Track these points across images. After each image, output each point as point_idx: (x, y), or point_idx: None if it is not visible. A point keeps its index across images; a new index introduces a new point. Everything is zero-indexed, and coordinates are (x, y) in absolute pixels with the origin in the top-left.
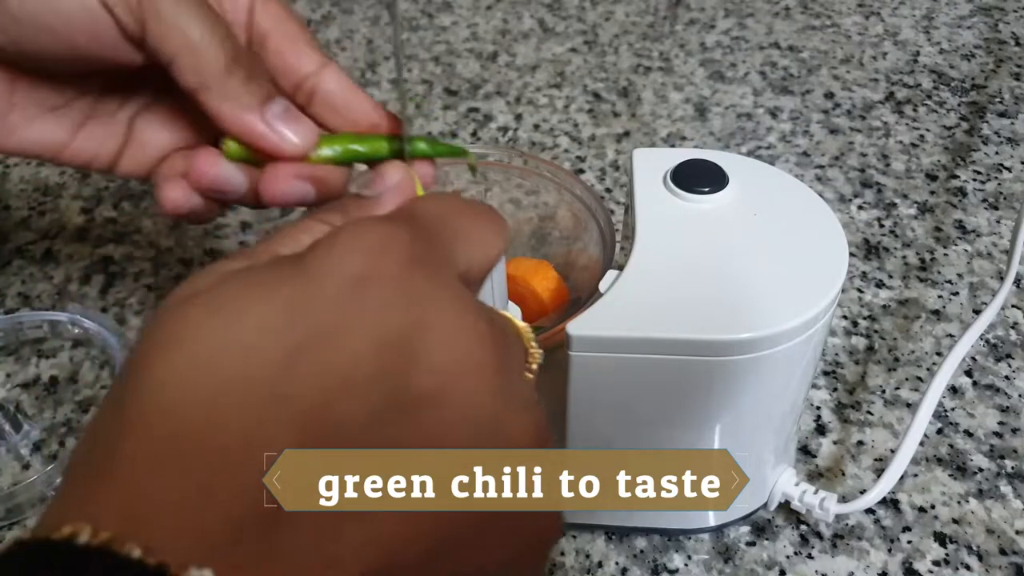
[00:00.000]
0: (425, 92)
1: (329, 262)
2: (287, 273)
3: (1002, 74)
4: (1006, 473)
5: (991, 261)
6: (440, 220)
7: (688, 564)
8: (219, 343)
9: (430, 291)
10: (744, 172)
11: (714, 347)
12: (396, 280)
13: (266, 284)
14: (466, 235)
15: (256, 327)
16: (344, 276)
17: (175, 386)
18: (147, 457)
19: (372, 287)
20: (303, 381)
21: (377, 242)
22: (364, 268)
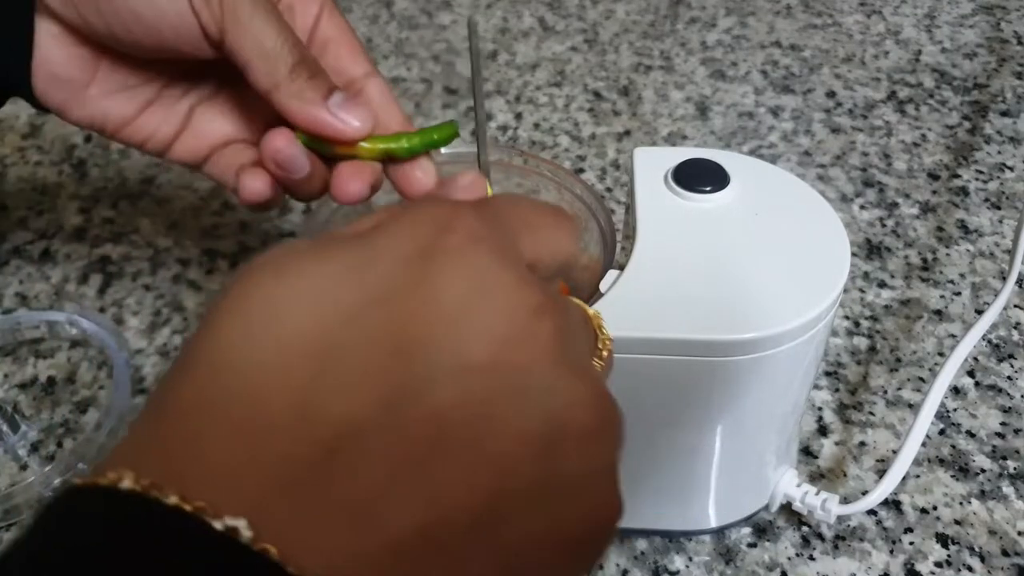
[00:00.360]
0: (424, 91)
1: (394, 235)
2: (353, 244)
3: (1004, 73)
4: (1008, 474)
5: (993, 261)
6: (509, 211)
7: (689, 566)
8: (278, 304)
9: (491, 265)
10: (745, 171)
11: (715, 347)
12: (459, 252)
13: (332, 252)
14: (535, 228)
15: (315, 291)
16: (407, 246)
17: (235, 341)
18: (198, 409)
19: (435, 256)
20: (360, 344)
21: (443, 217)
22: (428, 240)
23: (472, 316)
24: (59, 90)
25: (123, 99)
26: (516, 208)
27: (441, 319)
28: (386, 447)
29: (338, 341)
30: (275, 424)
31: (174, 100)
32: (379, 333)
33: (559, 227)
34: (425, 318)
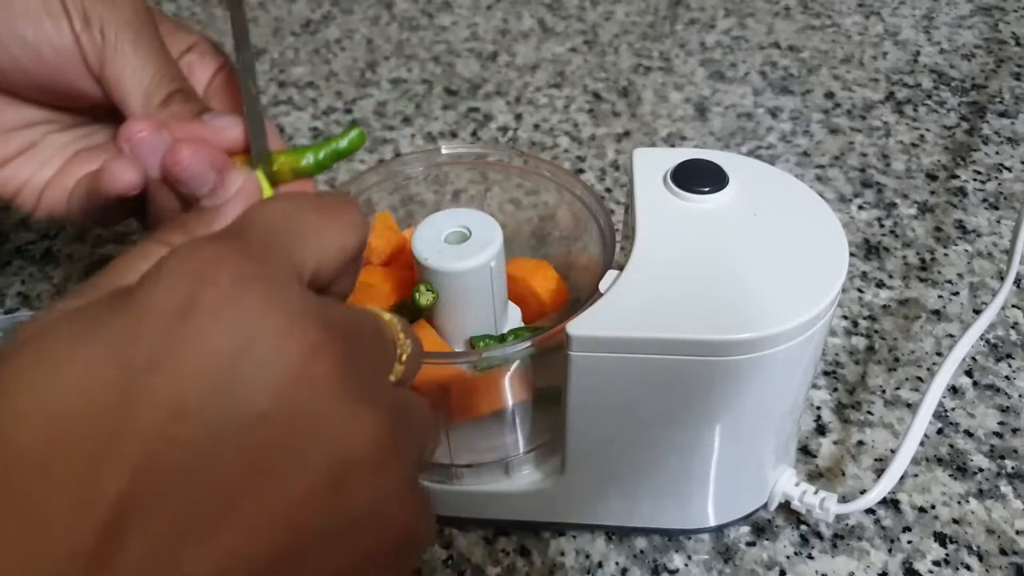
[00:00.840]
0: (425, 92)
1: (154, 294)
2: (114, 309)
3: (1002, 74)
4: (1006, 473)
5: (991, 261)
6: (279, 224)
7: (688, 564)
8: (43, 389)
9: (257, 308)
10: (744, 172)
11: (714, 347)
12: (221, 304)
13: (91, 324)
14: (312, 233)
15: (79, 369)
16: (168, 307)
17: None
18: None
19: (197, 315)
20: (133, 415)
21: (201, 267)
22: (189, 296)
23: (243, 369)
24: None
25: (2, 140)
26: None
27: (212, 377)
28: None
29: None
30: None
31: (57, 146)
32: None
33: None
34: (196, 379)
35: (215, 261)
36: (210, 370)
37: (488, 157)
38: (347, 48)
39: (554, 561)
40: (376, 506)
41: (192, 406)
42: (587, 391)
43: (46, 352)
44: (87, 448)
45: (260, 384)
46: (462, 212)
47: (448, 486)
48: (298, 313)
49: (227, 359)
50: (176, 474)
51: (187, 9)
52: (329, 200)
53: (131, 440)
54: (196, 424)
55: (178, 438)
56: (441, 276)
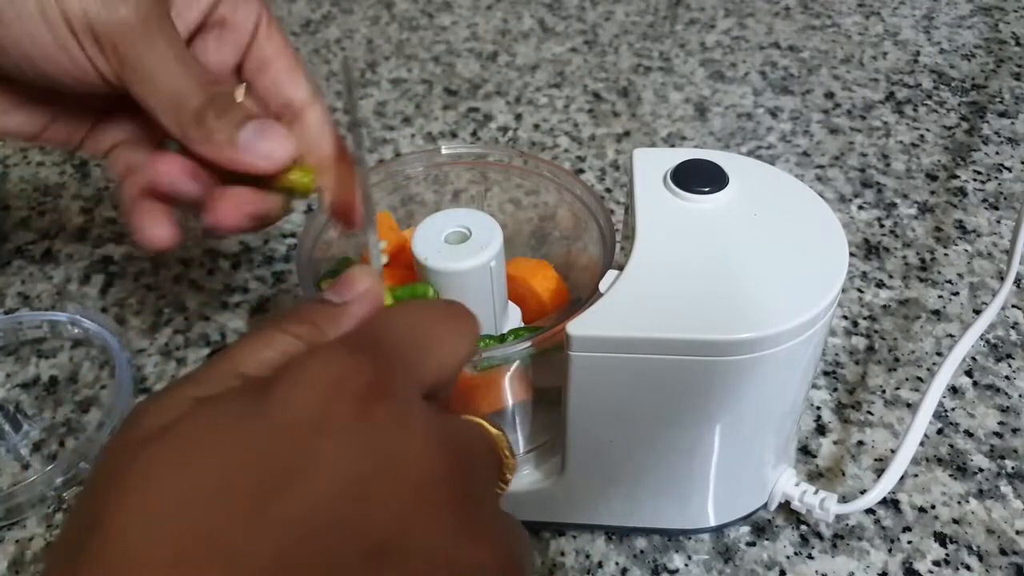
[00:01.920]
0: (425, 92)
1: (290, 402)
2: (249, 409)
3: (1002, 74)
4: (1006, 473)
5: (991, 261)
6: (407, 336)
7: (688, 564)
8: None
9: (388, 428)
10: (744, 172)
11: (714, 347)
12: (354, 421)
13: (228, 425)
14: (435, 344)
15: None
16: (303, 418)
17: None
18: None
19: (331, 431)
20: (259, 532)
21: (338, 378)
22: (324, 409)
23: (371, 495)
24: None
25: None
26: (414, 327)
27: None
28: None
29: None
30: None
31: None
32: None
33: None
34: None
35: (351, 373)
36: (338, 493)
37: (488, 157)
38: (347, 48)
39: (554, 561)
40: None
41: (321, 525)
42: (587, 391)
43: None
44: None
45: (384, 513)
46: (462, 212)
47: None
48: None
49: (357, 480)
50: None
51: None
52: (449, 309)
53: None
54: (324, 543)
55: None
56: (441, 276)
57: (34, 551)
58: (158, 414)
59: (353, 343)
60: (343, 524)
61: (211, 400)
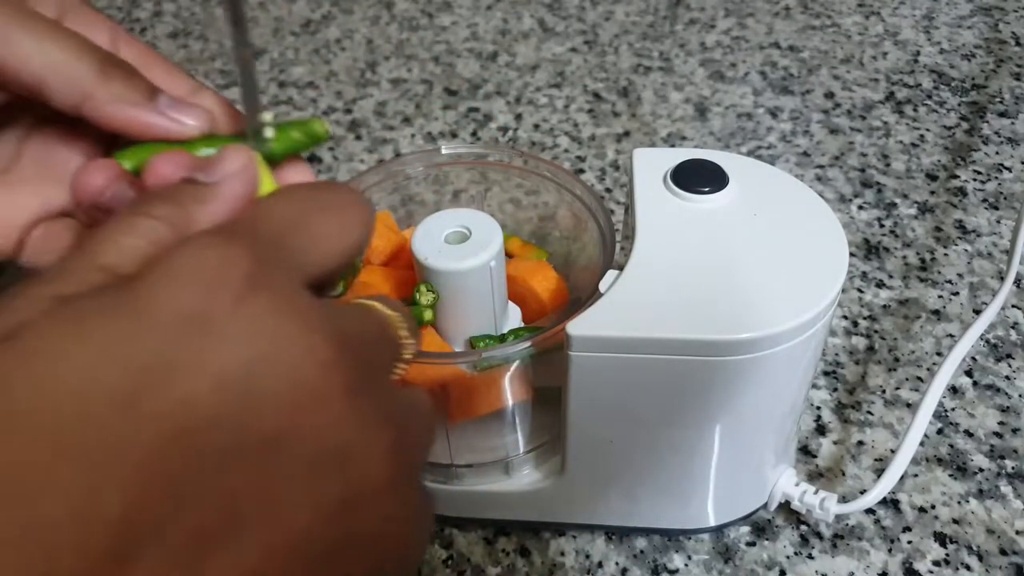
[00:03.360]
0: (425, 92)
1: (161, 296)
2: (113, 306)
3: (1002, 74)
4: (1006, 473)
5: (991, 261)
6: (286, 222)
7: (688, 564)
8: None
9: (269, 319)
10: (744, 172)
11: (714, 347)
12: (233, 313)
13: (90, 321)
14: (320, 234)
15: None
16: (178, 310)
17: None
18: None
19: (207, 324)
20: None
21: (214, 268)
22: (200, 302)
23: (255, 386)
24: None
25: None
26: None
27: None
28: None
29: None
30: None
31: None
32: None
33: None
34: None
35: (227, 263)
36: (221, 387)
37: (488, 157)
38: (347, 48)
39: (554, 561)
40: (384, 526)
41: (201, 424)
42: (587, 391)
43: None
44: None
45: (273, 405)
46: (462, 212)
47: (448, 486)
48: (309, 326)
49: (238, 376)
50: (183, 494)
51: (187, 9)
52: (336, 196)
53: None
54: (205, 444)
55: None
56: (441, 276)
57: None
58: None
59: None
60: (225, 419)
61: (72, 298)
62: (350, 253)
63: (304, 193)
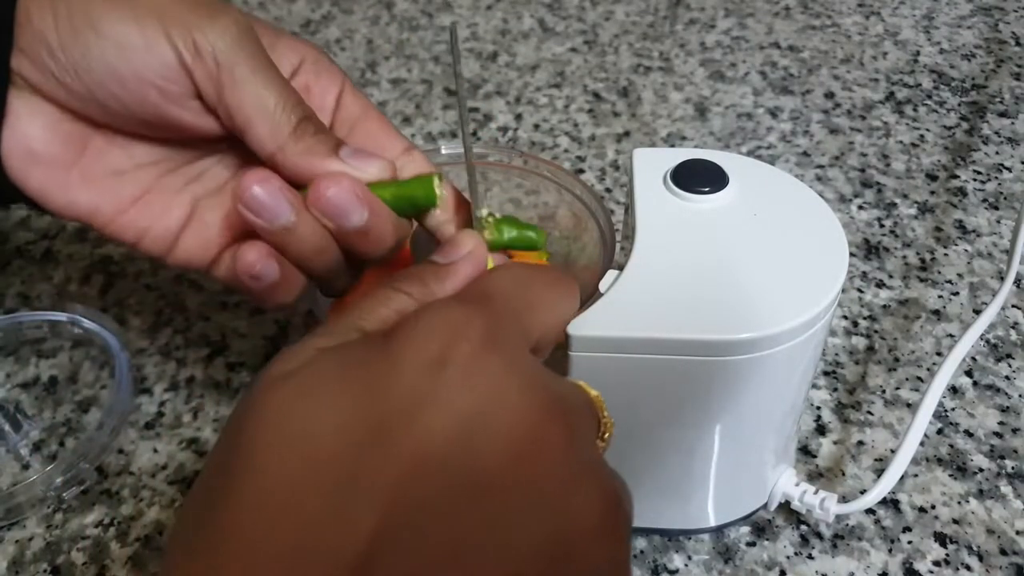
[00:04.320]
0: (425, 92)
1: (409, 345)
2: (372, 356)
3: (1002, 74)
4: (1006, 473)
5: (991, 261)
6: (514, 294)
7: (688, 564)
8: (312, 424)
9: (502, 372)
10: (744, 172)
11: (714, 347)
12: (470, 362)
13: (352, 366)
14: (539, 305)
15: (343, 410)
16: (423, 358)
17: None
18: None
19: (448, 369)
20: (386, 457)
21: (455, 325)
22: (442, 351)
23: (487, 427)
24: (39, 171)
25: (114, 185)
26: (521, 288)
27: (458, 431)
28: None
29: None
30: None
31: (174, 190)
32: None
33: (561, 295)
34: (443, 432)
35: (466, 321)
36: (457, 426)
37: (488, 157)
38: (347, 48)
39: None
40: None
41: (438, 457)
42: None
43: (312, 389)
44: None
45: (500, 446)
46: None
47: None
48: (533, 382)
49: (473, 417)
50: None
51: None
52: (552, 273)
53: (384, 480)
54: (439, 474)
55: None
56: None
57: (34, 551)
58: (287, 361)
59: (465, 297)
60: (455, 458)
61: (335, 347)
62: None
63: (527, 268)
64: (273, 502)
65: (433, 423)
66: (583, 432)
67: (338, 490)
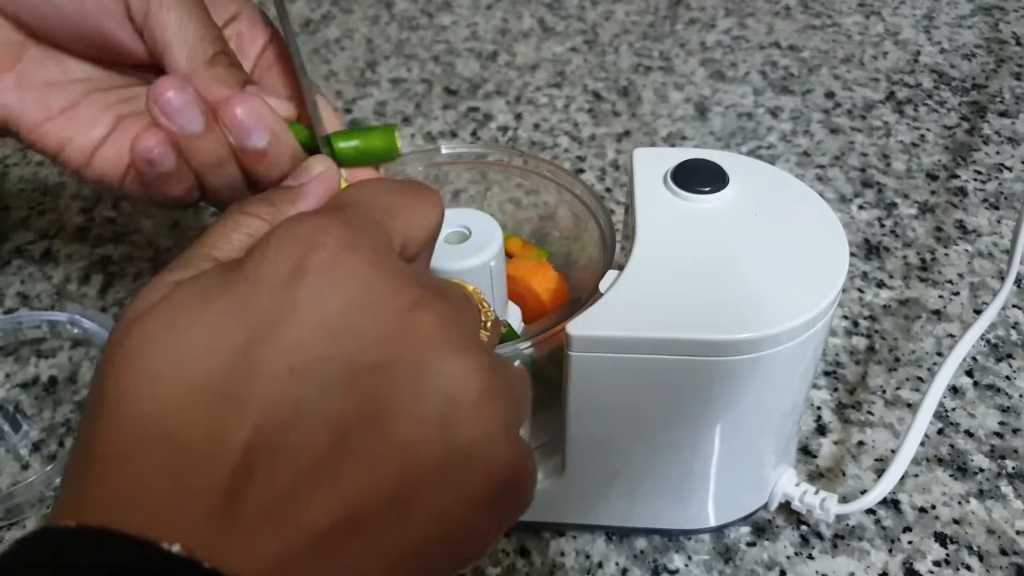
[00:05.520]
0: (425, 92)
1: (265, 262)
2: (228, 279)
3: (1003, 74)
4: (1007, 473)
5: (992, 261)
6: (370, 202)
7: (688, 564)
8: (177, 352)
9: (363, 271)
10: (744, 172)
11: (714, 347)
12: (328, 267)
13: (210, 292)
14: (399, 211)
15: (206, 334)
16: (280, 273)
17: (145, 391)
18: (126, 458)
19: (307, 277)
20: (253, 375)
21: (307, 235)
22: (298, 262)
23: (354, 326)
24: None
25: (45, 94)
26: (377, 196)
27: (325, 335)
28: (290, 460)
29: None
30: (191, 461)
31: (101, 107)
32: (270, 362)
33: (420, 201)
34: (311, 338)
35: (319, 230)
36: (322, 330)
37: (488, 157)
38: (347, 48)
39: (554, 561)
40: (482, 444)
41: (308, 363)
42: (587, 391)
43: (173, 319)
44: (217, 404)
45: (370, 339)
46: (462, 212)
47: None
48: (398, 275)
49: (337, 318)
50: (295, 424)
51: None
52: (410, 184)
53: (254, 396)
54: (312, 379)
55: (295, 392)
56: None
57: None
58: (144, 299)
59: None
60: (330, 354)
61: (191, 279)
62: (430, 229)
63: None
64: (143, 428)
65: (298, 332)
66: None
67: (209, 410)
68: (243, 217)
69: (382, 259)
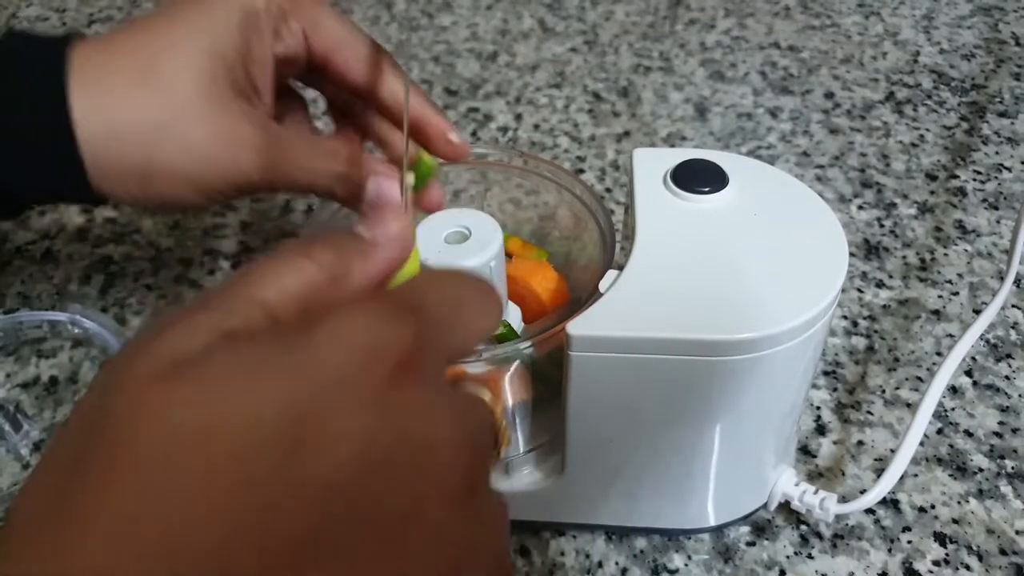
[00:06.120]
0: (425, 92)
1: (328, 362)
2: (283, 358)
3: (1002, 74)
4: (1006, 473)
5: (991, 261)
6: (443, 308)
7: (688, 564)
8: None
9: (417, 410)
10: (744, 172)
11: (714, 347)
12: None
13: (262, 371)
14: (466, 320)
15: (250, 413)
16: (341, 382)
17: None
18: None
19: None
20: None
21: (377, 346)
22: (360, 376)
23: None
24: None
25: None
26: (450, 299)
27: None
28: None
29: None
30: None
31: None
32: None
33: (487, 310)
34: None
35: (390, 343)
36: (364, 459)
37: (488, 157)
38: None
39: (554, 561)
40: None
41: (346, 486)
42: (587, 391)
43: (209, 387)
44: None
45: (402, 488)
46: (462, 212)
47: None
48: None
49: (381, 455)
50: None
51: None
52: (481, 287)
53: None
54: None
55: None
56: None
57: None
58: (179, 339)
59: (396, 304)
60: (363, 489)
61: (240, 339)
62: (483, 337)
63: (459, 280)
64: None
65: (342, 452)
66: (484, 456)
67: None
68: (304, 262)
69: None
